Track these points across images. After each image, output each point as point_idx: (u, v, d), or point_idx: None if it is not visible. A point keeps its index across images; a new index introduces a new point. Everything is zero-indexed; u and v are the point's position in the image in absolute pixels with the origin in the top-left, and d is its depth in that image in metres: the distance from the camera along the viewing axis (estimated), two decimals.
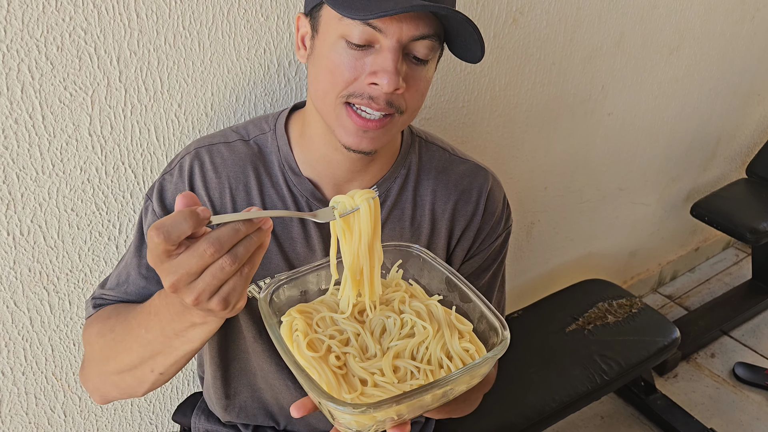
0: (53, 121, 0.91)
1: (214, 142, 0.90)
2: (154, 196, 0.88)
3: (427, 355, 0.66)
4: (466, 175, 0.97)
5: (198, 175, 0.88)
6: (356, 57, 0.74)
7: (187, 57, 0.97)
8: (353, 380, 0.64)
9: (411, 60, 0.76)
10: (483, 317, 0.70)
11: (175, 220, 0.54)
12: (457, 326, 0.70)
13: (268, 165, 0.90)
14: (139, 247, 0.89)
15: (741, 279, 2.52)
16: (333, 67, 0.76)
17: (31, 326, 1.02)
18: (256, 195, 0.88)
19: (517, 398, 1.45)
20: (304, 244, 0.90)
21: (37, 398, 1.09)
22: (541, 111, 1.57)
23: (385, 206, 0.93)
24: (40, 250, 0.98)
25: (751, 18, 1.99)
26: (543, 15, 1.41)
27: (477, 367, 0.62)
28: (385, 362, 0.64)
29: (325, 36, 0.77)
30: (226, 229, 0.57)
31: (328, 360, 0.64)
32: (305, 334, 0.67)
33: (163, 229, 0.54)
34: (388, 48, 0.73)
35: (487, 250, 0.98)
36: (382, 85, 0.73)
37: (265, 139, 0.91)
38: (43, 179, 0.93)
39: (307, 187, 0.89)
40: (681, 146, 2.13)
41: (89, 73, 0.90)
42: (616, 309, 1.72)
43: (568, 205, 1.86)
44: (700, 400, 1.98)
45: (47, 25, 0.84)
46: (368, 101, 0.75)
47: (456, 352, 0.67)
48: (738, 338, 2.24)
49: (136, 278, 0.88)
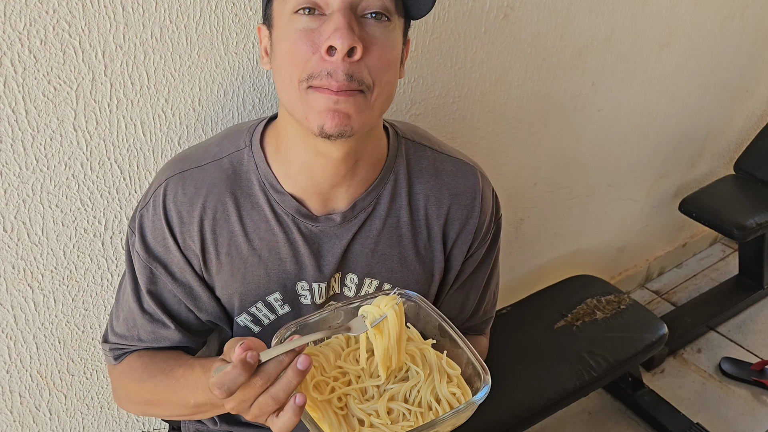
0: (37, 116, 0.89)
1: (186, 168, 0.86)
2: (136, 233, 0.86)
3: (418, 398, 0.74)
4: (457, 177, 0.94)
5: (172, 211, 0.84)
6: (311, 28, 0.72)
7: (174, 51, 0.95)
8: (352, 420, 0.72)
9: (367, 18, 0.73)
10: (469, 362, 0.76)
11: (233, 376, 0.63)
12: (446, 370, 0.76)
13: (246, 186, 0.86)
14: (136, 291, 0.89)
15: (727, 275, 2.53)
16: (291, 46, 0.73)
17: (15, 324, 1.01)
18: (236, 221, 0.85)
19: (505, 395, 1.45)
20: (294, 262, 0.87)
21: (22, 396, 1.08)
22: (531, 107, 1.57)
23: (377, 214, 0.89)
24: (24, 246, 0.96)
25: (741, 15, 1.99)
26: (534, 10, 1.40)
27: (461, 412, 0.70)
28: (381, 405, 0.72)
29: (279, 23, 0.75)
30: (272, 363, 0.65)
31: (331, 402, 0.72)
32: (312, 376, 0.73)
33: (224, 387, 0.63)
34: (337, 7, 0.71)
35: (483, 245, 0.98)
36: (335, 44, 0.69)
37: (241, 157, 0.86)
38: (27, 175, 0.92)
39: (292, 204, 0.85)
40: (670, 142, 2.14)
41: (74, 67, 0.88)
42: (605, 305, 1.73)
43: (557, 201, 1.87)
44: (687, 395, 1.99)
45: (30, 18, 0.83)
46: (327, 79, 0.71)
47: (444, 396, 0.74)
48: (724, 334, 2.25)
49: (143, 324, 0.89)
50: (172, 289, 0.88)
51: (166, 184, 0.85)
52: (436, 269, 0.95)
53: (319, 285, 0.89)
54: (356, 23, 0.71)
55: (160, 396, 0.86)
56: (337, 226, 0.87)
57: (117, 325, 0.92)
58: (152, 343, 0.91)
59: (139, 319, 0.89)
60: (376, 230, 0.89)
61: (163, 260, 0.87)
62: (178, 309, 0.89)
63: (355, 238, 0.89)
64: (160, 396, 0.86)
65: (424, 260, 0.93)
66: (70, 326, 1.06)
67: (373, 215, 0.89)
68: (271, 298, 0.89)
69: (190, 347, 0.94)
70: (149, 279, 0.87)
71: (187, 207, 0.84)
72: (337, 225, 0.87)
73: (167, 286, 0.88)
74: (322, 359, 0.76)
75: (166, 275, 0.87)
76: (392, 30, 0.75)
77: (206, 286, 0.89)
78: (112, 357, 0.94)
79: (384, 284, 0.92)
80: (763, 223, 2.03)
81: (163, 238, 0.85)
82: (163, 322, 0.89)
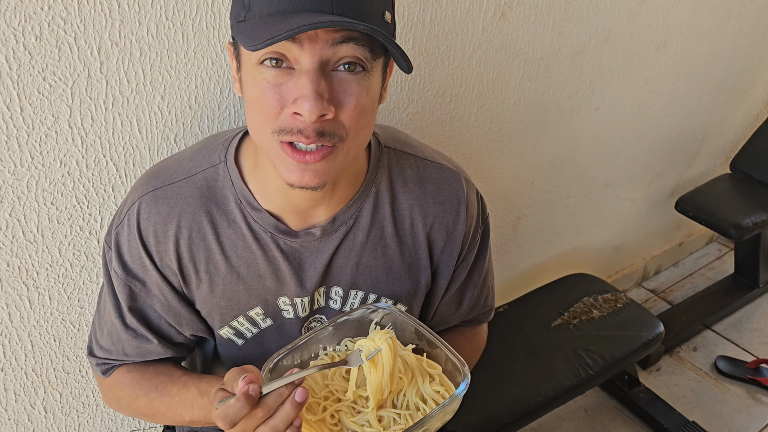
0: (32, 113, 0.88)
1: (158, 185, 0.83)
2: (113, 250, 0.85)
3: (405, 401, 0.79)
4: (441, 184, 0.91)
5: (147, 230, 0.83)
6: (278, 83, 0.68)
7: (171, 48, 0.95)
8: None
9: (341, 71, 0.68)
10: (448, 359, 0.80)
11: (236, 409, 0.66)
12: (428, 371, 0.81)
13: (222, 202, 0.83)
14: (118, 308, 0.87)
15: (723, 274, 2.54)
16: (258, 98, 0.69)
17: (10, 322, 1.01)
18: (213, 240, 0.84)
19: (502, 392, 1.45)
20: (274, 278, 0.86)
21: (17, 394, 1.07)
22: (528, 106, 1.57)
23: (360, 227, 0.87)
24: (19, 244, 0.96)
25: (738, 14, 1.99)
26: (532, 9, 1.40)
27: (446, 407, 0.74)
28: (371, 415, 0.76)
29: (246, 65, 0.71)
30: (273, 395, 0.67)
31: (325, 421, 0.76)
32: None
33: (228, 419, 0.66)
34: (305, 68, 0.66)
35: (474, 248, 0.97)
36: (302, 113, 0.66)
37: (216, 173, 0.84)
38: (22, 172, 0.91)
39: (269, 221, 0.83)
40: (667, 142, 2.14)
41: (69, 64, 0.88)
42: (601, 304, 1.73)
43: (554, 200, 1.87)
44: (682, 393, 2.00)
45: (25, 15, 0.82)
46: (298, 135, 0.68)
47: (429, 395, 0.78)
48: (720, 332, 2.26)
49: (127, 340, 0.89)
50: (152, 305, 0.87)
51: (140, 203, 0.83)
52: (422, 277, 0.94)
53: (301, 300, 0.88)
54: (326, 84, 0.67)
55: (155, 410, 0.89)
56: (317, 241, 0.85)
57: (102, 339, 0.91)
58: (138, 357, 0.90)
59: (123, 335, 0.88)
60: (359, 243, 0.88)
61: (141, 278, 0.85)
62: (159, 324, 0.89)
63: (338, 252, 0.87)
64: (155, 410, 0.89)
65: (410, 269, 0.92)
66: (65, 324, 1.06)
67: (355, 228, 0.87)
68: (252, 313, 0.89)
69: (177, 357, 0.94)
70: (129, 296, 0.86)
71: (161, 227, 0.83)
72: (317, 239, 0.85)
73: (147, 301, 0.87)
74: (311, 382, 0.80)
75: (146, 292, 0.86)
76: (369, 76, 0.70)
77: (186, 303, 0.88)
78: (99, 371, 0.93)
79: (369, 295, 0.91)
80: (759, 223, 2.03)
81: (139, 257, 0.84)
82: (146, 337, 0.88)
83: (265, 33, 0.63)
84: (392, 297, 0.93)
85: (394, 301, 0.93)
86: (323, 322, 0.92)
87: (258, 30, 0.64)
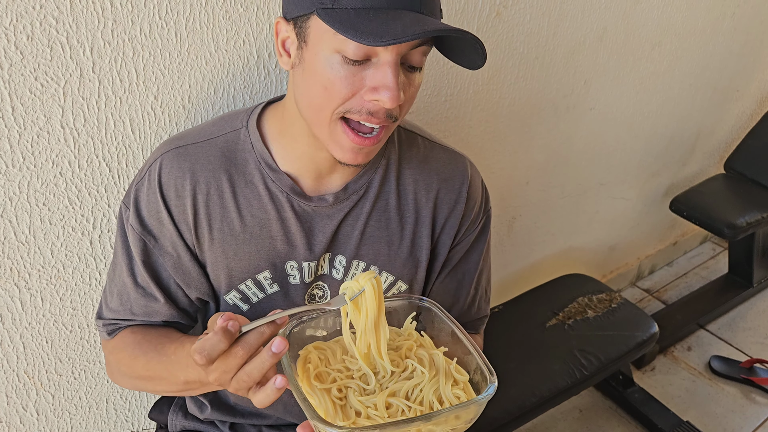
0: (23, 113, 0.87)
1: (182, 144, 0.87)
2: (131, 208, 0.87)
3: (420, 396, 0.72)
4: (447, 164, 0.97)
5: (168, 184, 0.86)
6: (354, 72, 0.72)
7: (164, 48, 0.94)
8: (350, 411, 0.71)
9: (406, 69, 0.75)
10: (478, 368, 0.74)
11: (213, 342, 0.64)
12: (454, 375, 0.75)
13: (241, 164, 0.87)
14: (130, 266, 0.89)
15: (717, 273, 2.55)
16: (328, 83, 0.73)
17: (2, 324, 1.00)
18: (230, 198, 0.87)
19: (497, 393, 1.43)
20: (284, 240, 0.89)
21: (9, 397, 1.06)
22: (523, 105, 1.56)
23: (368, 197, 0.91)
24: (10, 245, 0.95)
25: (732, 14, 2.00)
26: (526, 9, 1.40)
27: (462, 408, 0.67)
28: (380, 398, 0.71)
29: (317, 49, 0.73)
30: (253, 334, 0.66)
31: (330, 391, 0.72)
32: (316, 366, 0.74)
33: (204, 353, 0.64)
34: (388, 63, 0.71)
35: (472, 234, 0.99)
36: (383, 101, 0.72)
37: (237, 137, 0.88)
38: (13, 173, 0.90)
39: (286, 182, 0.87)
40: (661, 141, 2.14)
41: (61, 64, 0.87)
42: (596, 304, 1.73)
43: (549, 200, 1.87)
44: (677, 393, 2.00)
45: (16, 13, 0.81)
46: (367, 116, 0.74)
47: (447, 397, 0.72)
48: (714, 332, 2.27)
49: (136, 298, 0.90)
50: (163, 263, 0.89)
51: (162, 159, 0.86)
52: (423, 255, 0.96)
53: (309, 264, 0.91)
54: (401, 76, 0.73)
55: (152, 372, 0.87)
56: (329, 207, 0.89)
57: (111, 301, 0.93)
58: (144, 317, 0.91)
59: (132, 293, 0.90)
60: (365, 212, 0.92)
61: (156, 234, 0.87)
62: (168, 283, 0.90)
63: (345, 219, 0.91)
64: (152, 372, 0.87)
65: (411, 244, 0.95)
66: (57, 326, 1.05)
67: (364, 198, 0.91)
68: (260, 276, 0.90)
69: (181, 323, 0.95)
70: (143, 251, 0.88)
71: (181, 181, 0.85)
72: (329, 205, 0.89)
73: (159, 260, 0.89)
74: (329, 353, 0.77)
75: (159, 249, 0.88)
76: (422, 72, 0.78)
77: (196, 261, 0.89)
78: (105, 332, 0.94)
79: (370, 266, 0.94)
80: (753, 222, 2.04)
81: (157, 212, 0.86)
82: (154, 295, 0.89)
83: (383, 30, 0.66)
84: (393, 273, 0.95)
85: (394, 278, 0.95)
86: (325, 290, 0.94)
87: (366, 26, 0.67)
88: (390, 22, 0.67)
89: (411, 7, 0.70)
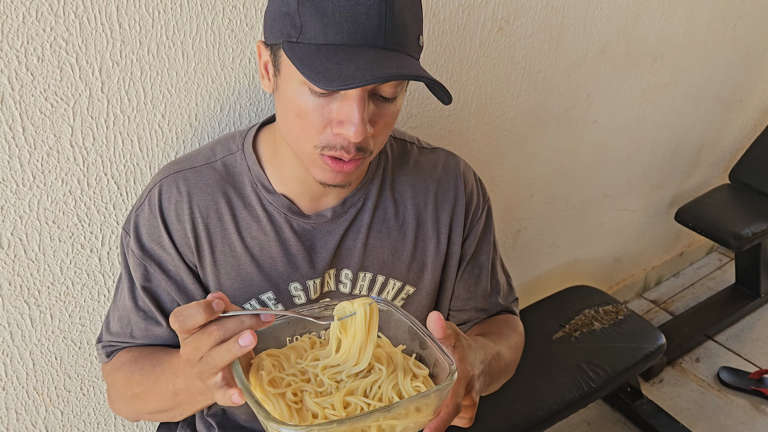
0: (33, 133, 0.89)
1: (180, 169, 0.88)
2: (131, 233, 0.88)
3: (379, 393, 0.71)
4: (438, 164, 0.99)
5: (168, 209, 0.87)
6: (323, 104, 0.73)
7: (171, 67, 0.96)
8: (306, 414, 0.69)
9: (378, 99, 0.74)
10: (437, 361, 0.73)
11: (192, 311, 0.63)
12: (413, 370, 0.74)
13: (239, 186, 0.89)
14: (132, 290, 0.89)
15: (725, 284, 2.54)
16: (300, 112, 0.74)
17: (12, 341, 1.01)
18: (229, 220, 0.88)
19: (504, 406, 1.44)
20: (285, 262, 0.89)
21: (18, 413, 1.07)
22: (526, 119, 1.57)
23: (366, 209, 0.93)
24: (20, 263, 0.96)
25: (733, 26, 2.01)
26: (528, 23, 1.41)
27: (423, 398, 0.66)
28: (337, 398, 0.69)
29: (288, 79, 0.74)
30: (233, 320, 0.64)
31: (285, 396, 0.70)
32: (269, 372, 0.72)
33: (180, 318, 0.63)
34: (353, 98, 0.71)
35: (477, 226, 1.01)
36: (348, 135, 0.72)
37: (234, 160, 0.89)
38: (24, 191, 0.92)
39: (283, 202, 0.88)
40: (665, 153, 2.15)
41: (71, 84, 0.89)
42: (603, 316, 1.73)
43: (553, 212, 1.87)
44: (686, 405, 1.99)
45: (27, 36, 0.83)
46: (341, 152, 0.75)
47: (407, 391, 0.71)
48: (722, 343, 2.25)
49: (137, 321, 0.90)
50: (165, 287, 0.89)
51: (161, 185, 0.87)
52: (428, 257, 0.97)
53: (313, 281, 0.91)
54: (367, 107, 0.72)
55: (145, 386, 0.85)
56: (328, 222, 0.90)
57: (112, 324, 0.93)
58: (144, 341, 0.91)
59: (133, 317, 0.90)
60: (366, 224, 0.93)
61: (157, 258, 0.88)
62: (171, 306, 0.90)
63: (347, 233, 0.92)
64: (145, 386, 0.85)
65: (413, 249, 0.96)
66: (66, 342, 1.06)
67: (363, 210, 0.93)
68: (264, 297, 0.90)
69: None
70: (144, 276, 0.88)
71: (181, 205, 0.86)
72: (328, 221, 0.90)
73: (161, 283, 0.88)
74: (283, 359, 0.75)
75: (160, 272, 0.88)
76: (399, 100, 0.77)
77: (199, 284, 0.90)
78: (104, 354, 0.94)
79: (377, 276, 0.94)
80: (759, 232, 2.03)
81: (158, 236, 0.87)
82: (156, 319, 0.89)
83: (335, 73, 0.66)
84: (399, 278, 0.96)
85: (401, 283, 0.96)
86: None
87: (323, 65, 0.67)
88: (345, 63, 0.67)
89: (374, 43, 0.69)
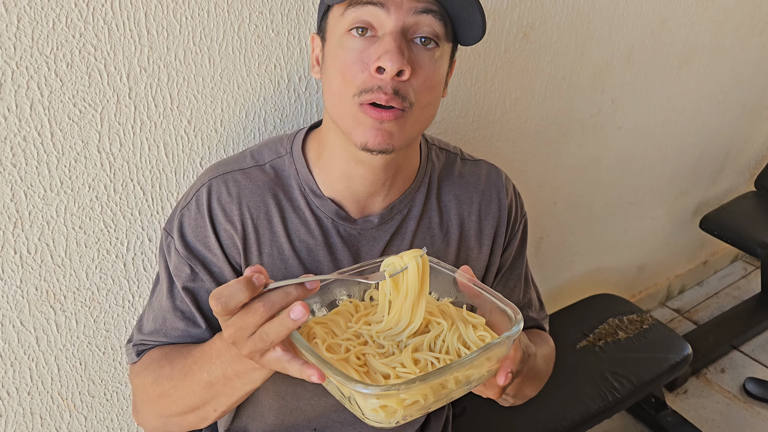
0: (62, 138, 0.89)
1: (229, 170, 0.88)
2: (174, 233, 0.86)
3: (444, 347, 0.68)
4: (481, 175, 0.99)
5: (217, 209, 0.85)
6: (361, 49, 0.75)
7: (198, 73, 0.96)
8: (376, 377, 0.65)
9: (416, 43, 0.76)
10: (494, 308, 0.71)
11: (233, 289, 0.59)
12: (470, 320, 0.72)
13: (288, 189, 0.88)
14: (171, 290, 0.87)
15: (750, 293, 2.49)
16: (342, 65, 0.76)
17: (38, 346, 1.01)
18: (278, 222, 0.87)
19: (527, 417, 1.42)
20: (332, 267, 0.88)
21: (43, 419, 1.07)
22: (551, 125, 1.56)
23: (412, 216, 0.92)
24: (47, 268, 0.96)
25: (760, 32, 1.98)
26: (554, 29, 1.40)
27: (495, 348, 0.64)
28: (405, 356, 0.66)
29: (332, 39, 0.79)
30: (278, 292, 0.61)
31: (349, 360, 0.66)
32: (323, 340, 0.68)
33: (221, 300, 0.59)
34: (389, 30, 0.74)
35: (515, 240, 1.01)
36: (386, 66, 0.73)
37: (282, 163, 0.89)
38: (51, 197, 0.92)
39: (331, 207, 0.88)
40: (690, 160, 2.12)
41: (99, 90, 0.89)
42: (627, 325, 1.70)
43: (577, 220, 1.85)
44: (711, 417, 1.95)
45: (57, 42, 0.83)
46: (377, 93, 0.74)
47: (472, 341, 0.69)
48: (748, 353, 2.21)
49: (173, 321, 0.87)
50: (208, 288, 0.86)
51: (210, 185, 0.87)
52: (473, 268, 0.96)
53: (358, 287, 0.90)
54: (406, 47, 0.75)
55: (175, 381, 0.81)
56: (374, 228, 0.90)
57: (145, 325, 0.90)
58: (178, 341, 0.88)
59: (169, 317, 0.87)
60: (411, 231, 0.92)
61: (202, 258, 0.86)
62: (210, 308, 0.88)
63: (392, 240, 0.91)
64: (175, 381, 0.81)
65: (456, 259, 0.96)
66: (91, 348, 1.06)
67: (408, 217, 0.92)
68: (308, 300, 0.88)
69: None
70: (187, 276, 0.86)
71: (230, 206, 0.86)
72: (374, 227, 0.90)
73: (204, 284, 0.86)
74: (332, 325, 0.72)
75: (205, 273, 0.86)
76: (439, 56, 0.79)
77: None
78: (134, 353, 0.90)
79: None
80: None
81: (204, 237, 0.86)
82: (195, 320, 0.87)
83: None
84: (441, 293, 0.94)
85: None
86: None
87: None
88: None
89: None
